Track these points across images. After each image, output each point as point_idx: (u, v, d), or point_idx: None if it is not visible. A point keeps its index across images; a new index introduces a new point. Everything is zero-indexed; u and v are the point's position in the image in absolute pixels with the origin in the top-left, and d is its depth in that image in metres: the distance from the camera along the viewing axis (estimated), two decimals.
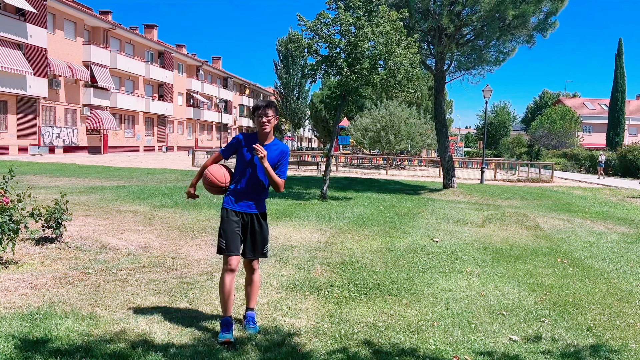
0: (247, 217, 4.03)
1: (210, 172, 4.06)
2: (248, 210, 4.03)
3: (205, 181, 4.06)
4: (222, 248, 3.95)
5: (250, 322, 4.14)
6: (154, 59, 47.83)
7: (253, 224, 4.05)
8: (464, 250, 7.67)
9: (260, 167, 3.97)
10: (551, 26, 17.07)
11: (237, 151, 4.06)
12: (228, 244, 3.93)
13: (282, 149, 4.04)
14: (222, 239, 3.96)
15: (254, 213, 4.05)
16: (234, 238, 3.94)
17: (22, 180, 13.99)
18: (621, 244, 8.73)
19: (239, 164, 4.05)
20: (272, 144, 4.02)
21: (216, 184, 4.02)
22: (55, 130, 33.92)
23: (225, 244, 3.94)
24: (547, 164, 31.22)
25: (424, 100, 42.91)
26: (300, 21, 13.38)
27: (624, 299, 5.43)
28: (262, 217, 4.11)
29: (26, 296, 4.66)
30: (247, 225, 4.04)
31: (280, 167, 4.02)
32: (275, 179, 3.95)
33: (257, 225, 4.06)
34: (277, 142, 4.07)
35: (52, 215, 6.44)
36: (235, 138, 4.10)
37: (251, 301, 4.22)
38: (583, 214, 12.76)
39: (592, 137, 63.84)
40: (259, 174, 4.00)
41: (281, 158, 4.02)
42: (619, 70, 51.28)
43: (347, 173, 28.40)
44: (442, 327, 4.37)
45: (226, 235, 3.95)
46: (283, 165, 4.04)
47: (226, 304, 3.95)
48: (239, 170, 4.04)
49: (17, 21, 29.32)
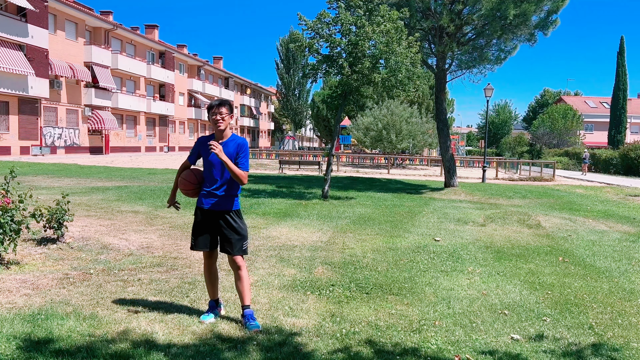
0: (216, 215, 4.20)
1: (184, 178, 4.30)
2: (217, 208, 4.19)
3: (181, 188, 4.29)
4: (192, 245, 4.31)
5: (249, 319, 4.15)
6: (155, 59, 47.86)
7: (225, 221, 4.19)
8: (465, 249, 7.66)
9: (217, 164, 4.14)
10: (552, 24, 17.04)
11: (200, 154, 4.28)
12: (196, 241, 4.26)
13: (239, 142, 4.20)
14: (192, 236, 4.30)
15: (224, 210, 4.19)
16: (201, 236, 4.23)
17: (23, 181, 14.01)
18: (623, 243, 8.72)
19: (204, 165, 4.24)
20: (230, 140, 4.19)
21: (188, 186, 4.25)
22: (56, 130, 33.97)
23: (194, 241, 4.28)
24: (548, 162, 31.18)
25: (425, 100, 42.87)
26: (301, 20, 13.38)
27: (625, 298, 5.42)
28: (235, 214, 4.24)
29: (28, 297, 4.67)
30: (219, 223, 4.21)
31: (240, 159, 4.14)
32: (236, 170, 4.08)
33: (229, 222, 4.20)
34: (235, 136, 4.26)
35: (53, 216, 6.45)
36: (196, 142, 4.30)
37: (245, 298, 4.23)
38: (585, 213, 12.74)
39: (593, 135, 63.73)
40: (222, 170, 4.15)
41: (239, 151, 4.16)
42: (620, 69, 51.20)
43: (349, 172, 28.40)
44: (443, 326, 4.36)
45: (194, 233, 4.27)
46: (242, 157, 4.16)
47: (209, 289, 4.38)
48: (205, 171, 4.24)
49: (19, 22, 29.36)
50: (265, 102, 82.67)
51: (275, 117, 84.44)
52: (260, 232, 8.38)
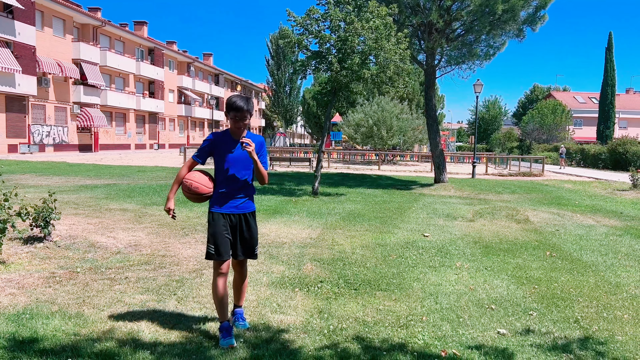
0: (236, 218, 3.90)
1: (195, 180, 3.84)
2: (237, 211, 3.90)
3: (191, 192, 3.83)
4: (211, 253, 3.82)
5: (239, 318, 4.14)
6: (145, 56, 47.53)
7: (242, 224, 3.92)
8: (454, 244, 7.69)
9: (242, 163, 3.86)
10: (541, 20, 17.12)
11: (214, 153, 3.91)
12: (218, 248, 3.80)
13: (259, 140, 3.98)
14: (210, 244, 3.83)
15: (243, 213, 3.93)
16: (223, 242, 3.81)
17: (11, 179, 13.88)
18: (610, 237, 8.79)
19: (219, 164, 3.89)
20: (249, 137, 3.90)
21: (203, 191, 3.84)
22: (45, 128, 33.66)
23: (215, 249, 3.80)
24: (538, 158, 31.37)
25: (415, 96, 42.95)
26: (290, 17, 13.33)
27: (611, 292, 5.47)
28: (252, 216, 3.98)
29: (13, 296, 4.63)
30: (237, 226, 3.91)
31: (261, 157, 3.91)
32: (263, 170, 3.87)
33: (246, 225, 3.94)
34: (251, 134, 3.97)
35: (40, 214, 6.40)
36: (209, 139, 3.92)
37: (240, 299, 4.21)
38: (573, 208, 12.84)
39: (582, 130, 64.17)
40: (242, 169, 3.88)
41: (260, 149, 3.95)
42: (609, 64, 51.56)
43: (339, 169, 28.41)
44: (430, 321, 4.38)
45: (215, 240, 3.81)
46: (263, 155, 3.95)
47: (223, 309, 3.83)
48: (220, 171, 3.89)
49: (5, 19, 29.01)
50: (255, 99, 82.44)
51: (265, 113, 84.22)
52: None
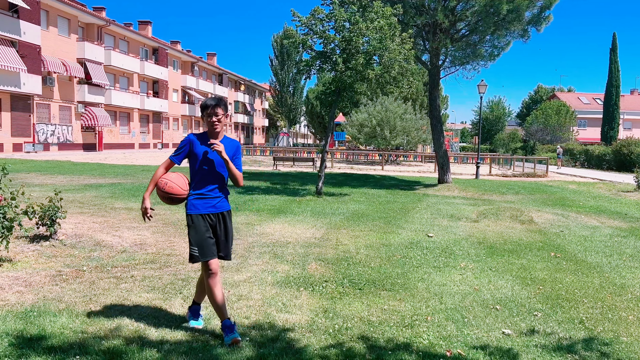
0: (215, 218, 3.94)
1: (171, 180, 3.87)
2: (214, 210, 3.93)
3: (165, 192, 3.84)
4: (195, 256, 3.82)
5: (193, 315, 4.13)
6: (149, 55, 47.64)
7: (220, 224, 3.96)
8: (458, 245, 7.70)
9: (217, 164, 3.91)
10: (545, 20, 17.09)
11: (190, 154, 3.94)
12: (202, 250, 3.82)
13: (234, 144, 4.03)
14: (193, 247, 3.83)
15: (220, 212, 3.96)
16: (206, 243, 3.83)
17: (16, 178, 13.94)
18: (614, 238, 8.78)
19: (194, 165, 3.93)
20: (223, 141, 3.95)
21: (178, 192, 3.86)
22: (49, 127, 33.78)
23: (199, 251, 3.82)
24: (542, 158, 31.32)
25: (419, 96, 42.94)
26: (295, 17, 13.35)
27: (616, 293, 5.47)
28: (228, 215, 4.04)
29: (20, 294, 4.66)
30: (215, 226, 3.94)
31: (236, 160, 3.97)
32: (235, 171, 3.92)
33: (223, 225, 3.98)
34: (227, 138, 4.02)
35: (46, 213, 6.43)
36: (187, 140, 3.96)
37: (200, 297, 4.16)
38: (577, 209, 12.82)
39: (587, 131, 64.03)
40: (218, 170, 3.93)
41: (235, 152, 4.00)
42: (613, 65, 51.45)
43: (343, 169, 28.42)
44: (435, 321, 4.39)
45: (198, 242, 3.82)
46: (238, 158, 4.01)
47: (221, 309, 3.85)
48: (196, 172, 3.93)
49: (11, 18, 29.12)
50: (259, 99, 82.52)
51: (269, 113, 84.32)
52: (254, 229, 8.38)
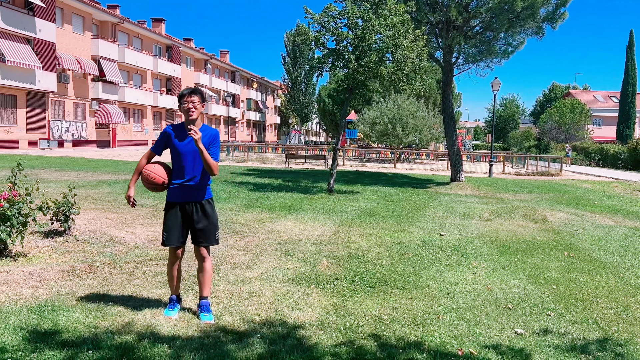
0: (190, 206, 4.12)
1: (152, 171, 4.10)
2: (191, 199, 4.12)
3: (148, 182, 4.09)
4: (164, 240, 4.14)
5: (204, 310, 4.18)
6: (162, 53, 47.91)
7: (197, 211, 4.13)
8: (470, 243, 7.65)
9: (194, 153, 4.03)
10: (560, 17, 16.90)
11: (168, 144, 4.12)
12: (168, 235, 4.11)
13: (212, 132, 4.13)
14: (164, 231, 4.13)
15: (197, 201, 4.13)
16: (174, 230, 4.10)
17: (31, 174, 14.11)
18: (630, 238, 8.67)
19: (173, 156, 4.12)
20: (202, 129, 4.05)
21: (159, 181, 4.07)
22: (64, 124, 34.12)
23: (167, 236, 4.12)
24: (556, 157, 31.00)
25: (432, 94, 42.71)
26: (308, 14, 13.34)
27: (631, 293, 5.40)
28: (208, 203, 4.19)
29: (34, 289, 4.71)
30: (192, 213, 4.13)
31: (212, 149, 4.07)
32: (210, 160, 4.00)
33: (201, 212, 4.14)
34: (206, 127, 4.14)
35: (60, 209, 6.50)
36: (164, 132, 4.15)
37: (204, 289, 4.25)
38: (592, 208, 12.68)
39: (602, 130, 63.23)
40: (194, 160, 4.05)
41: (212, 141, 4.10)
42: (630, 63, 50.75)
43: (355, 167, 28.38)
44: (447, 320, 4.36)
45: (167, 228, 4.12)
46: (214, 147, 4.10)
47: (172, 285, 4.28)
48: (174, 162, 4.12)
49: (26, 16, 29.44)
50: (271, 96, 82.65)
51: (281, 111, 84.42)
52: (266, 226, 8.40)
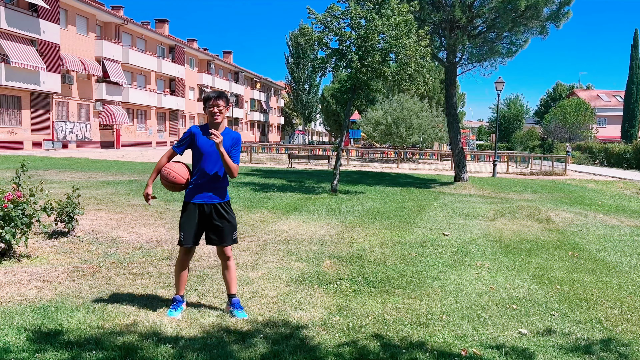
0: (209, 208, 4.16)
1: (174, 170, 4.13)
2: (209, 200, 4.16)
3: (167, 180, 4.11)
4: (181, 240, 4.17)
5: (236, 307, 4.25)
6: (166, 53, 48.01)
7: (218, 212, 4.17)
8: (474, 243, 7.63)
9: (216, 156, 4.08)
10: (564, 16, 16.84)
11: (191, 145, 4.16)
12: (185, 235, 4.14)
13: (234, 135, 4.20)
14: (181, 231, 4.16)
15: (216, 203, 4.18)
16: (190, 231, 4.14)
17: (35, 175, 14.16)
18: (634, 237, 8.63)
19: (195, 156, 4.16)
20: (225, 133, 4.15)
21: (179, 181, 4.12)
22: (68, 125, 34.23)
23: (183, 236, 4.15)
24: (560, 157, 30.89)
25: (435, 93, 42.63)
26: (310, 14, 13.34)
27: (635, 293, 5.37)
28: (226, 205, 4.24)
29: (38, 289, 4.73)
30: (210, 215, 4.16)
31: (233, 152, 4.14)
32: (230, 163, 4.07)
33: (222, 213, 4.18)
34: (229, 130, 4.22)
35: (64, 209, 6.52)
36: (189, 131, 4.18)
37: (232, 287, 4.33)
38: (596, 207, 12.63)
39: (606, 129, 63.03)
40: (216, 162, 4.11)
41: (234, 144, 4.17)
42: (634, 62, 50.61)
43: (358, 167, 28.36)
44: (450, 320, 4.35)
45: (184, 228, 4.15)
46: (236, 150, 4.18)
47: (179, 285, 4.29)
48: (196, 163, 4.15)
49: (30, 17, 29.55)
50: (275, 97, 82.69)
51: (285, 111, 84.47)
52: (269, 226, 8.40)
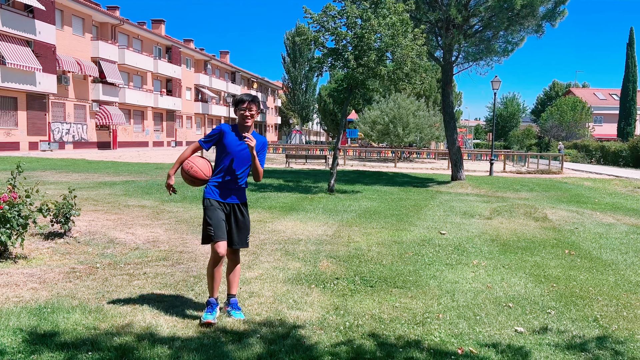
0: (229, 207, 4.17)
1: (196, 164, 4.13)
2: (230, 200, 4.17)
3: (189, 174, 4.10)
4: (210, 235, 4.03)
5: (234, 307, 4.26)
6: (162, 54, 47.93)
7: (236, 213, 4.19)
8: (471, 242, 7.65)
9: (242, 157, 4.12)
10: (560, 15, 16.88)
11: (218, 142, 4.15)
12: (216, 230, 4.03)
13: (261, 140, 4.25)
14: (209, 227, 4.04)
15: (236, 203, 4.19)
16: (220, 225, 4.06)
17: (32, 176, 14.13)
18: (630, 235, 8.66)
19: (221, 154, 4.13)
20: (253, 136, 4.17)
21: (200, 176, 4.11)
22: (65, 126, 34.15)
23: (213, 231, 4.03)
24: (556, 155, 30.96)
25: (432, 93, 42.68)
26: (307, 14, 13.34)
27: (631, 290, 5.39)
28: (244, 206, 4.27)
29: (34, 290, 4.72)
30: (230, 215, 4.17)
31: (260, 155, 4.20)
32: (259, 167, 4.13)
33: (239, 214, 4.20)
34: (256, 134, 4.25)
35: (60, 211, 6.50)
36: (219, 128, 4.17)
37: (233, 288, 4.34)
38: (592, 206, 12.66)
39: (603, 127, 63.17)
40: (242, 164, 4.13)
41: (262, 149, 4.22)
42: (630, 60, 50.76)
43: (355, 166, 28.37)
44: (447, 319, 4.36)
45: (213, 223, 4.04)
46: (262, 154, 4.23)
47: (213, 288, 4.16)
48: (220, 161, 4.13)
49: (26, 18, 29.47)
50: (272, 97, 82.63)
51: (282, 111, 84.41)
52: (266, 226, 8.40)
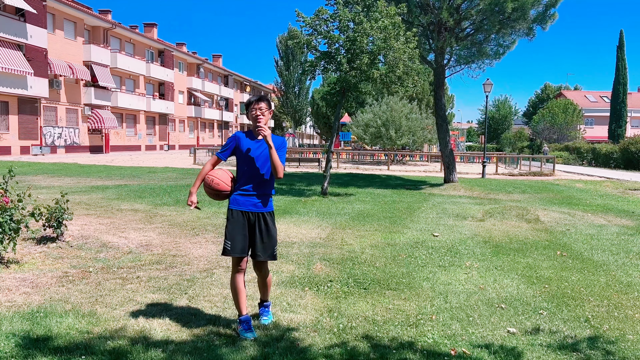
0: (254, 217, 3.95)
1: (217, 177, 3.96)
2: (254, 209, 3.95)
3: (211, 188, 3.94)
4: (227, 249, 3.88)
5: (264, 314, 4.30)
6: (155, 57, 47.83)
7: (260, 223, 3.96)
8: (463, 244, 7.68)
9: (261, 161, 3.93)
10: (550, 18, 17.00)
11: (236, 150, 3.99)
12: (234, 245, 3.87)
13: (280, 138, 4.06)
14: (227, 240, 3.89)
15: (261, 212, 3.97)
16: (239, 239, 3.88)
17: (24, 180, 14.05)
18: (621, 236, 8.73)
19: (241, 161, 3.97)
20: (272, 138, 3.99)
21: (222, 188, 3.95)
22: (56, 130, 33.99)
23: (231, 245, 3.87)
24: (548, 157, 31.16)
25: (425, 96, 42.84)
26: (299, 17, 13.37)
27: (622, 291, 5.44)
28: (270, 216, 4.02)
29: (27, 295, 4.70)
30: (255, 225, 3.95)
31: (280, 151, 3.96)
32: (277, 160, 3.87)
33: (264, 225, 3.97)
34: (274, 136, 4.04)
35: (52, 215, 6.48)
36: (234, 136, 4.01)
37: (266, 294, 4.32)
38: (584, 207, 12.75)
39: (594, 129, 63.67)
40: (262, 166, 3.93)
41: (280, 146, 3.98)
42: (620, 63, 51.17)
43: (349, 169, 28.42)
44: (440, 320, 4.38)
45: (231, 236, 3.88)
46: (282, 152, 4.00)
47: (240, 304, 3.94)
48: (241, 168, 3.97)
49: (17, 22, 29.35)
50: None
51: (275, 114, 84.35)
52: None
